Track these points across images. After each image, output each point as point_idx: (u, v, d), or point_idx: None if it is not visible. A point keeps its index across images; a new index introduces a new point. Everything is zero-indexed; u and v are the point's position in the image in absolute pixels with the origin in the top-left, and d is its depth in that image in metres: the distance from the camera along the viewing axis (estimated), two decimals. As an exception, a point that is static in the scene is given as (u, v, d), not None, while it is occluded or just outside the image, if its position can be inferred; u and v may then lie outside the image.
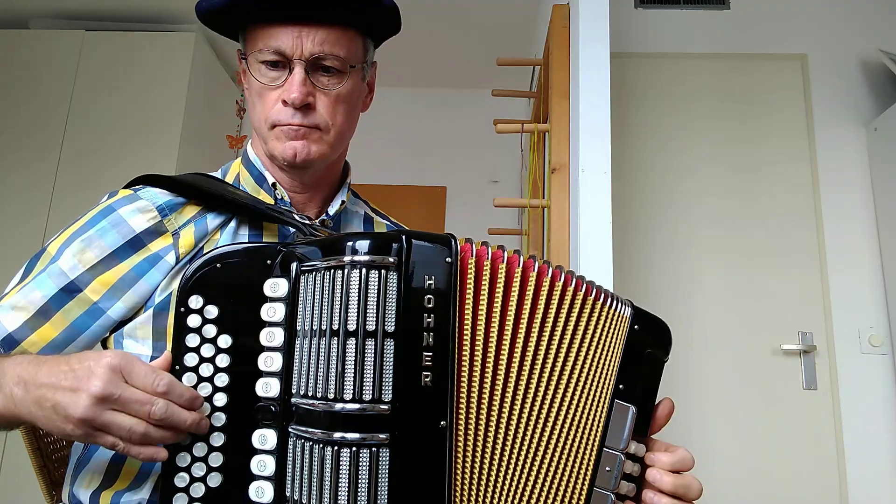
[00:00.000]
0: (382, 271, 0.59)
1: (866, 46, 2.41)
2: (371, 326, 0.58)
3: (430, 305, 0.60)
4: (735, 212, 2.33)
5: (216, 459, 0.60)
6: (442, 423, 0.59)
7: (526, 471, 0.63)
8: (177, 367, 0.61)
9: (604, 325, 0.67)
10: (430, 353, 0.60)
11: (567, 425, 0.65)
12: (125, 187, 0.81)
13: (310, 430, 0.58)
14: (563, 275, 0.66)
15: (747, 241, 2.30)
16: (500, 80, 2.83)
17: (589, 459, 0.65)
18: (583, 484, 0.65)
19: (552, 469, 0.64)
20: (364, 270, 0.59)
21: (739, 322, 2.24)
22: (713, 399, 2.18)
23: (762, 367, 2.20)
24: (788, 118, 2.40)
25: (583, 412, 0.66)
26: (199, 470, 0.60)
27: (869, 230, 2.27)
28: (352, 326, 0.58)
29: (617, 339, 0.68)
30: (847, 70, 2.41)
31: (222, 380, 0.61)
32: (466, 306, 0.62)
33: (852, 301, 2.21)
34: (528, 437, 0.64)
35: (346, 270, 0.59)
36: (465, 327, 0.62)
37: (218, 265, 0.63)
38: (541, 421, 0.64)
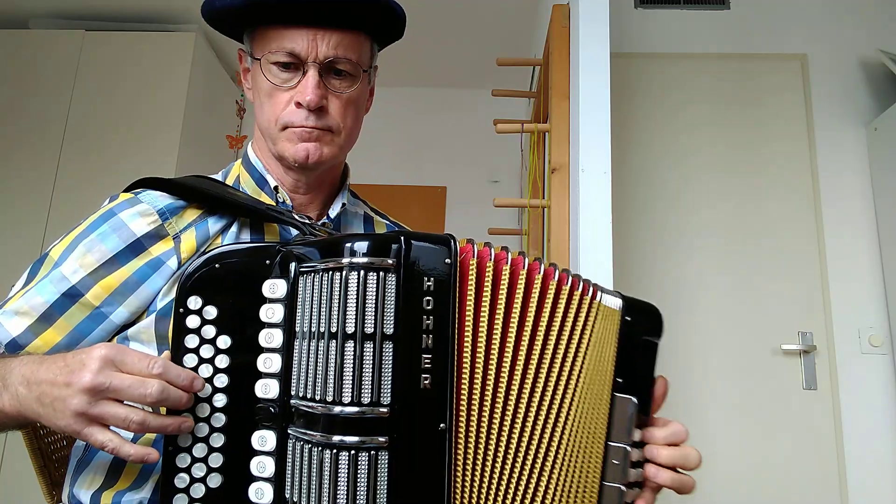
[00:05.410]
0: (381, 273, 0.59)
1: (866, 46, 2.41)
2: (370, 329, 0.58)
3: (430, 307, 0.60)
4: (735, 212, 2.33)
5: (216, 460, 0.60)
6: (441, 425, 0.59)
7: (527, 473, 0.63)
8: None
9: (596, 321, 0.67)
10: (430, 356, 0.59)
11: (568, 425, 0.65)
12: (125, 191, 0.81)
13: (309, 432, 0.58)
14: (569, 278, 0.66)
15: (747, 241, 2.30)
16: (500, 80, 2.82)
17: (596, 457, 0.65)
18: (592, 482, 0.65)
19: (556, 470, 0.64)
20: (363, 272, 0.59)
21: (740, 322, 2.24)
22: (713, 399, 2.18)
23: (762, 367, 2.19)
24: (788, 119, 2.40)
25: (583, 410, 0.65)
26: (199, 471, 0.60)
27: (869, 230, 2.27)
28: (350, 329, 0.58)
29: (610, 333, 0.68)
30: (847, 70, 2.41)
31: (222, 381, 0.61)
32: (468, 308, 0.62)
33: (852, 301, 2.21)
34: (530, 440, 0.63)
35: (344, 272, 0.59)
36: (466, 329, 0.61)
37: (217, 266, 0.63)
38: (541, 422, 0.64)
